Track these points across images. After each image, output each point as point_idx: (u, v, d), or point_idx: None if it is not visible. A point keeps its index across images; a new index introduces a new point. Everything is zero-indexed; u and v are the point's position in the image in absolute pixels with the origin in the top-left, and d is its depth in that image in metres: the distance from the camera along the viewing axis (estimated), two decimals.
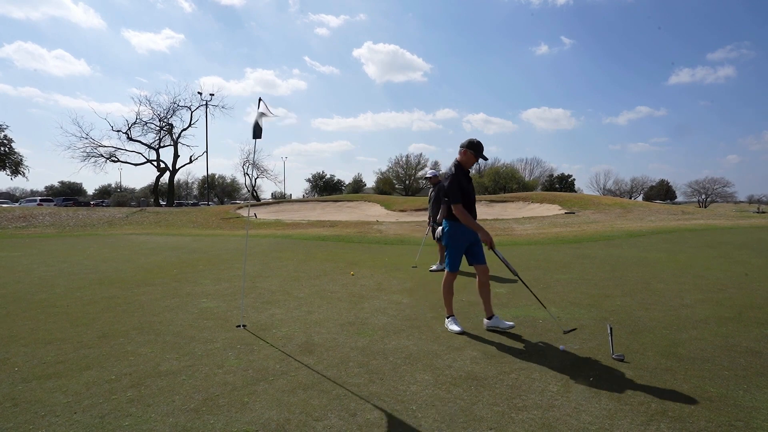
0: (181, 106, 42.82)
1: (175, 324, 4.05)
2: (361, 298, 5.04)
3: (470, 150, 3.77)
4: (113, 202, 45.20)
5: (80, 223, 18.53)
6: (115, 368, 3.03)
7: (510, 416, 2.39)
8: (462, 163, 3.82)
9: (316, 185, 72.06)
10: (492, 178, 56.00)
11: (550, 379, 2.84)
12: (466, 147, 3.78)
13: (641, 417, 2.37)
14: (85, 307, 4.69)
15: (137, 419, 2.37)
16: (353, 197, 31.80)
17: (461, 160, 3.82)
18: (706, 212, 24.59)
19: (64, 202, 42.00)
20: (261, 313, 4.44)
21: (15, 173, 38.63)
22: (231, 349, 3.39)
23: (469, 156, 3.78)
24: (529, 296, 5.03)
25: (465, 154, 3.80)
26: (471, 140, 3.79)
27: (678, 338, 3.59)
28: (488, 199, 27.40)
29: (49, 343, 3.53)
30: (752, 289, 5.32)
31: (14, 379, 2.86)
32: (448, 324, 3.89)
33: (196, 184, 73.88)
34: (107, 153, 40.98)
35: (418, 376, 2.90)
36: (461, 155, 3.82)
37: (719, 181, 72.38)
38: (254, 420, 2.36)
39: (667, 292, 5.16)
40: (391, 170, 69.83)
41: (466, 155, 3.79)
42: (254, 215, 22.81)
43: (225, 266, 7.36)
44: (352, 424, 2.32)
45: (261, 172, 52.03)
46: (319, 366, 3.08)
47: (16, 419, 2.36)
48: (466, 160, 3.80)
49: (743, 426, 2.28)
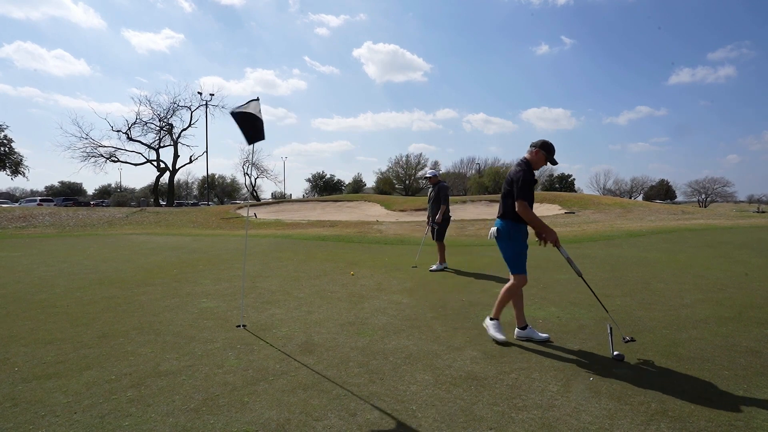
0: (181, 106, 42.85)
1: (175, 324, 4.05)
2: (361, 298, 5.04)
3: (542, 151, 3.54)
4: (113, 202, 45.22)
5: (80, 223, 18.53)
6: (115, 368, 3.03)
7: (510, 416, 2.39)
8: (532, 162, 3.57)
9: (316, 185, 72.07)
10: (492, 178, 56.04)
11: (550, 379, 2.85)
12: (538, 147, 3.55)
13: (641, 417, 2.37)
14: (85, 307, 4.69)
15: (137, 419, 2.37)
16: (353, 197, 31.79)
17: (531, 159, 3.57)
18: (706, 212, 24.59)
19: (64, 202, 42.00)
20: (261, 313, 4.44)
21: (15, 173, 38.67)
22: (231, 349, 3.39)
23: (540, 156, 3.55)
24: (530, 296, 5.03)
25: (537, 154, 3.55)
26: (544, 141, 3.57)
27: (678, 338, 3.59)
28: (488, 199, 27.38)
29: (49, 343, 3.53)
30: (752, 289, 5.32)
31: (14, 379, 2.86)
32: (493, 330, 3.58)
33: (196, 184, 73.93)
34: (107, 153, 41.02)
35: (418, 376, 2.90)
36: (532, 155, 3.57)
37: (719, 181, 72.48)
38: (254, 420, 2.36)
39: (667, 292, 5.16)
40: (391, 170, 69.87)
41: (538, 155, 3.55)
42: (254, 215, 22.81)
43: (225, 266, 7.36)
44: (352, 424, 2.32)
45: (261, 172, 52.12)
46: (319, 366, 3.08)
47: (16, 419, 2.36)
48: (537, 160, 3.56)
49: (743, 426, 2.28)
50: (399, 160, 69.65)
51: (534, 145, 3.60)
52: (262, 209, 27.52)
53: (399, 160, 69.65)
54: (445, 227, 7.09)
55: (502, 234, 3.58)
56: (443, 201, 6.92)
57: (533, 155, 3.57)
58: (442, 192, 6.97)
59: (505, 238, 3.57)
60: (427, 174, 7.24)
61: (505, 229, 3.57)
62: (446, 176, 65.46)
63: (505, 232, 3.56)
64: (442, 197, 6.94)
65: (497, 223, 3.64)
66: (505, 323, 3.85)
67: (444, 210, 6.91)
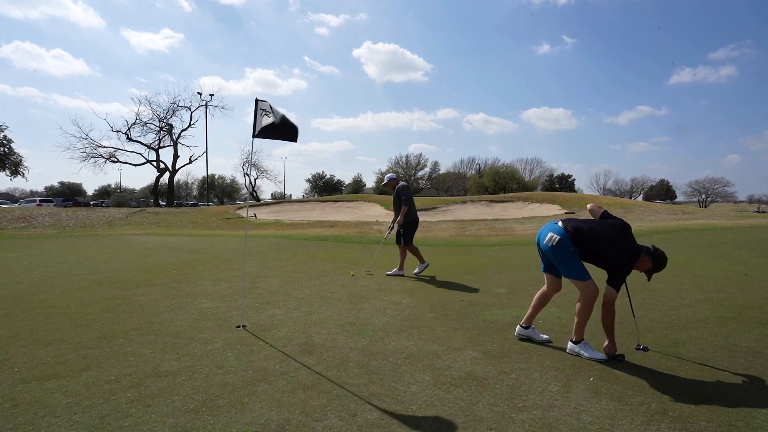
0: (180, 106, 42.69)
1: (175, 324, 4.05)
2: (361, 299, 5.04)
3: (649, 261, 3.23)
4: (113, 202, 45.16)
5: (80, 223, 18.53)
6: (115, 369, 3.03)
7: (510, 416, 2.39)
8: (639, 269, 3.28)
9: (316, 185, 72.05)
10: (492, 178, 56.04)
11: (550, 379, 2.84)
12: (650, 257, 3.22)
13: (641, 417, 2.37)
14: (84, 307, 4.68)
15: (137, 420, 2.36)
16: (353, 197, 31.76)
17: (639, 267, 3.27)
18: (706, 212, 24.59)
19: (63, 202, 41.95)
20: (261, 313, 4.43)
21: (14, 174, 38.58)
22: (231, 350, 3.39)
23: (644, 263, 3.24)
24: (530, 296, 5.02)
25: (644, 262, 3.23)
26: (658, 255, 3.25)
27: (678, 338, 3.59)
28: (488, 199, 27.39)
29: (49, 344, 3.52)
30: (752, 289, 5.32)
31: (14, 380, 2.85)
32: (588, 353, 3.22)
33: (196, 184, 73.82)
34: (107, 153, 40.93)
35: (418, 377, 2.90)
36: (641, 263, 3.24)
37: (719, 181, 72.48)
38: (254, 420, 2.36)
39: (667, 292, 5.15)
40: (391, 170, 69.82)
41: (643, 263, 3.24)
42: (254, 216, 22.81)
43: (225, 267, 7.36)
44: (352, 425, 2.32)
45: (261, 172, 52.04)
46: (318, 366, 3.08)
47: (16, 420, 2.36)
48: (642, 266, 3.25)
49: (743, 426, 2.28)
50: (399, 160, 69.67)
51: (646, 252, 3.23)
52: (261, 209, 27.51)
53: (399, 160, 69.67)
54: (409, 230, 6.52)
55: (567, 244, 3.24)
56: (403, 202, 6.43)
57: (642, 263, 3.23)
58: (401, 193, 6.47)
59: (568, 247, 3.24)
60: (384, 181, 6.87)
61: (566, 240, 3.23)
62: (446, 176, 65.52)
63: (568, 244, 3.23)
64: (402, 198, 6.45)
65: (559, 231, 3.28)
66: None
67: (405, 211, 6.41)
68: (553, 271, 3.48)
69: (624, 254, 3.20)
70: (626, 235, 3.27)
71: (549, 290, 3.56)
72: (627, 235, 3.27)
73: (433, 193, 61.37)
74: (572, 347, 3.31)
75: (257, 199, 55.28)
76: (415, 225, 6.59)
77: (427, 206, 24.50)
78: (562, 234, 3.26)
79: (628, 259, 3.21)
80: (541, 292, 3.61)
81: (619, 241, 3.22)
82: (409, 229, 6.52)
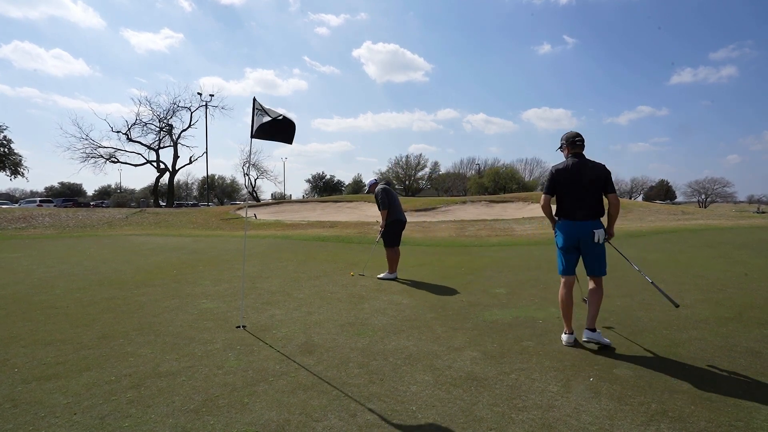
0: (180, 106, 42.64)
1: (175, 325, 4.05)
2: (361, 299, 5.04)
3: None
4: (113, 202, 45.19)
5: (80, 223, 18.53)
6: (115, 369, 3.03)
7: (510, 417, 2.39)
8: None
9: (316, 186, 72.02)
10: (492, 178, 55.98)
11: (550, 379, 2.84)
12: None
13: (641, 417, 2.37)
14: (84, 308, 4.68)
15: (137, 420, 2.36)
16: (353, 198, 31.76)
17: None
18: (706, 212, 24.59)
19: (63, 202, 41.94)
20: (261, 313, 4.44)
21: (14, 174, 38.60)
22: (231, 350, 3.39)
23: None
24: (530, 296, 5.03)
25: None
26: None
27: (678, 338, 3.59)
28: (488, 199, 27.38)
29: (49, 344, 3.53)
30: (752, 289, 5.32)
31: (14, 380, 2.85)
32: (600, 337, 3.40)
33: (196, 184, 73.81)
34: (107, 154, 40.92)
35: (418, 377, 2.90)
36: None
37: (719, 181, 72.50)
38: (254, 421, 2.36)
39: (667, 292, 5.14)
40: (391, 170, 69.81)
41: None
42: (254, 216, 22.81)
43: (225, 267, 7.36)
44: (352, 425, 2.32)
45: (261, 172, 52.06)
46: (318, 367, 3.08)
47: (16, 420, 2.36)
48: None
49: (743, 426, 2.28)
50: (399, 160, 69.65)
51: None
52: (261, 210, 27.51)
53: (399, 160, 69.65)
54: (391, 232, 6.28)
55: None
56: (381, 206, 6.23)
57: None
58: (377, 197, 6.28)
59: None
60: (366, 189, 6.82)
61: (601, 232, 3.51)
62: (446, 176, 65.46)
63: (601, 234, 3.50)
64: (378, 202, 6.27)
65: (598, 225, 3.51)
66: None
67: (385, 215, 6.22)
68: (573, 271, 3.61)
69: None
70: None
71: (572, 288, 3.60)
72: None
73: (433, 194, 61.37)
74: (592, 335, 3.40)
75: (257, 199, 55.26)
76: (397, 226, 6.31)
77: (426, 206, 24.51)
78: (604, 229, 3.53)
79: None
80: (569, 292, 3.56)
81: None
82: (391, 230, 6.27)
